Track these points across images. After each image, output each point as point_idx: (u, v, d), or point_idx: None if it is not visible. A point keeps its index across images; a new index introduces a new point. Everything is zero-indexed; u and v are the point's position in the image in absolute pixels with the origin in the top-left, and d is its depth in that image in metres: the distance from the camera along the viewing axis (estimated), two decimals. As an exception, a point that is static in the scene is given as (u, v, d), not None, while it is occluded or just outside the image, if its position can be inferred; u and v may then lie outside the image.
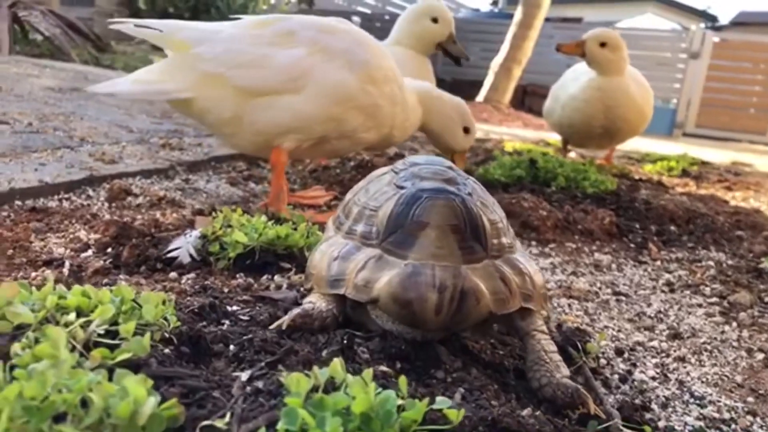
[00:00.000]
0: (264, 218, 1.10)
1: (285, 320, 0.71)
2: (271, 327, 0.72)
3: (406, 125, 1.61)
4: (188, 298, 0.82)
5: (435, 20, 2.27)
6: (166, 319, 0.62)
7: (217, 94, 1.38)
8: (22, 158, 1.63)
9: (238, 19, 1.50)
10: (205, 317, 0.74)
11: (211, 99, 1.39)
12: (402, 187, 0.76)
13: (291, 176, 2.03)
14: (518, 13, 6.97)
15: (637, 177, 2.77)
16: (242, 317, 0.77)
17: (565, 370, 0.72)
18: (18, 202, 1.34)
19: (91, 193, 1.50)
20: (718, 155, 4.80)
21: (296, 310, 0.73)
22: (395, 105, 1.54)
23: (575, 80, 2.69)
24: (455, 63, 2.34)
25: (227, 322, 0.75)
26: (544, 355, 0.72)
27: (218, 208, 1.44)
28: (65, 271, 0.96)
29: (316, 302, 0.74)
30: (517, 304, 0.72)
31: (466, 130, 1.77)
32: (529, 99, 8.99)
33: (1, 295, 0.54)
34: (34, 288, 0.59)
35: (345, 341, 0.67)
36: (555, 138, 3.91)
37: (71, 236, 1.13)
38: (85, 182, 1.54)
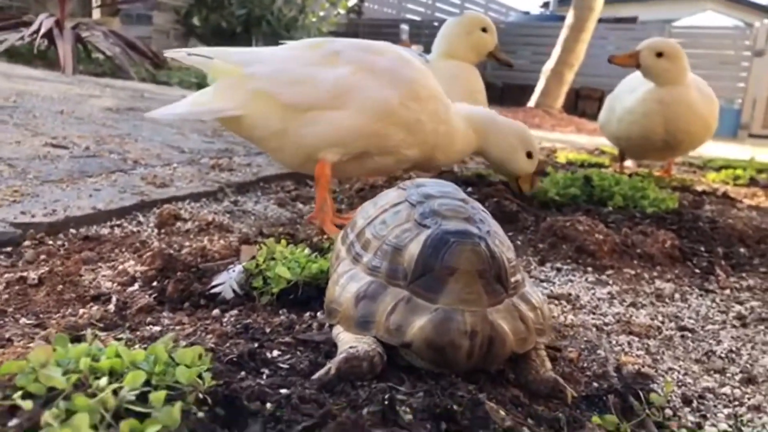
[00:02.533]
0: (307, 251, 1.08)
1: (331, 369, 0.70)
2: (315, 377, 0.70)
3: (450, 150, 1.61)
4: (228, 341, 0.81)
5: (485, 30, 2.34)
6: (200, 376, 0.60)
7: (265, 111, 1.47)
8: (78, 184, 1.68)
9: (285, 43, 1.61)
10: (243, 367, 0.72)
11: (259, 115, 1.48)
12: (424, 225, 0.78)
13: (338, 196, 2.02)
14: (570, 16, 6.81)
15: (699, 189, 2.62)
16: (282, 365, 0.75)
17: (548, 365, 0.79)
18: (72, 230, 1.37)
19: (141, 219, 1.52)
20: (789, 160, 4.51)
21: (341, 356, 0.71)
22: (439, 123, 1.56)
23: (632, 91, 2.54)
24: (508, 66, 2.56)
25: (266, 371, 0.73)
26: (534, 356, 0.79)
27: (265, 232, 1.45)
28: (111, 307, 0.97)
29: (357, 345, 0.73)
30: (533, 341, 0.77)
31: (529, 155, 1.77)
32: (582, 102, 8.76)
33: (36, 358, 0.53)
34: (70, 345, 0.59)
35: (386, 400, 0.63)
36: (610, 145, 3.77)
37: (119, 268, 1.14)
38: (136, 208, 1.56)
